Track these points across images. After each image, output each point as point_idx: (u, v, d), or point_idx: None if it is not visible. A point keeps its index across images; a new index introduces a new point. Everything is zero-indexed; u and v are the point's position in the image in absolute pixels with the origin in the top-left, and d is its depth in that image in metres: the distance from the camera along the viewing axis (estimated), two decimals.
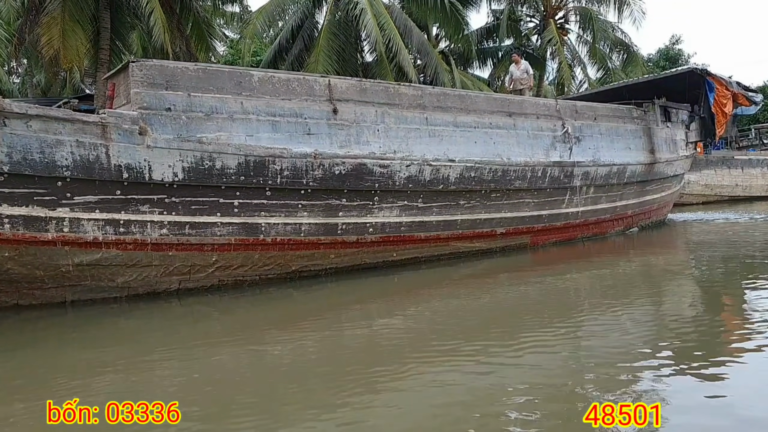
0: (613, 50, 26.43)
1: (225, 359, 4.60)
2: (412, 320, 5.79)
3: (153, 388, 3.93)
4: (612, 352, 4.32)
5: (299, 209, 7.14)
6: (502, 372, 3.96)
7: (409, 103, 7.88)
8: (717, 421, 2.99)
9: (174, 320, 6.21)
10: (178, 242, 6.63)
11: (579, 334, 4.97)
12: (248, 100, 6.68)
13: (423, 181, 7.96)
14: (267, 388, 3.86)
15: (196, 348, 4.96)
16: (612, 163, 10.37)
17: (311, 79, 7.20)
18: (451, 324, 5.52)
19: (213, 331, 5.65)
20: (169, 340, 5.30)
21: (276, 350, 4.83)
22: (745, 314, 5.41)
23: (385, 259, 8.14)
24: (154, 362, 4.62)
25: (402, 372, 4.04)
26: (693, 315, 5.57)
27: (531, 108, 9.37)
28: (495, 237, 9.21)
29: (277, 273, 7.35)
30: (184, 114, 6.35)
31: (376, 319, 5.92)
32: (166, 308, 6.50)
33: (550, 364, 4.09)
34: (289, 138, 6.87)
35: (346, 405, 3.45)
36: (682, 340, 4.62)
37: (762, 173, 22.11)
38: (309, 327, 5.63)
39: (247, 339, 5.24)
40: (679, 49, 46.09)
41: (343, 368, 4.21)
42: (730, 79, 13.20)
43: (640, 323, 5.27)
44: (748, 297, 6.15)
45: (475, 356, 4.32)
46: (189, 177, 6.43)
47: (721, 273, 7.75)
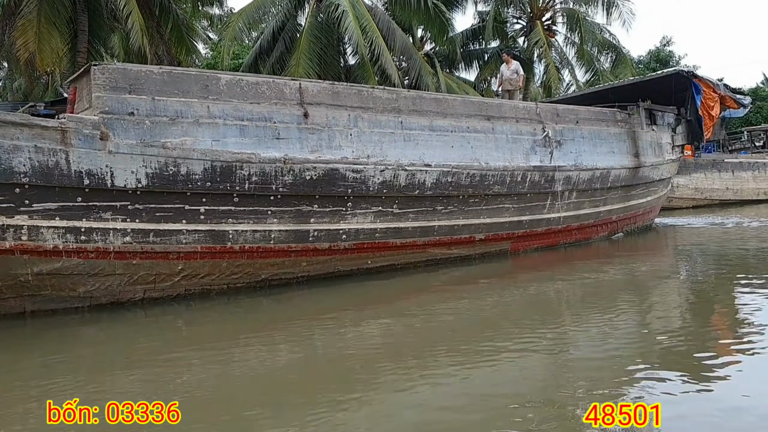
0: (601, 52, 26.42)
1: (190, 371, 4.45)
2: (386, 329, 5.64)
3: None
4: (596, 359, 4.29)
5: (269, 216, 6.95)
6: (481, 381, 3.87)
7: (383, 107, 7.71)
8: (708, 420, 3.05)
9: (138, 331, 6.00)
10: (143, 250, 6.43)
11: (562, 341, 4.88)
12: (215, 104, 6.50)
13: (398, 186, 7.78)
14: (234, 400, 3.71)
15: (160, 359, 4.80)
16: (595, 168, 10.23)
17: (281, 82, 7.03)
18: (427, 332, 5.39)
19: (178, 341, 5.47)
20: (131, 352, 5.12)
21: (244, 361, 4.68)
22: (730, 318, 5.42)
23: (359, 267, 7.96)
24: (115, 375, 4.45)
25: (376, 383, 3.94)
26: (678, 319, 5.54)
27: (510, 111, 9.21)
28: (474, 243, 9.04)
29: (247, 281, 7.16)
30: (147, 118, 6.16)
31: (350, 328, 5.76)
32: (131, 318, 6.30)
33: (531, 373, 4.02)
34: (258, 143, 6.69)
35: (317, 417, 3.34)
36: (667, 345, 4.57)
37: (753, 176, 22.02)
38: (279, 337, 5.46)
39: (213, 349, 5.06)
40: (670, 51, 46.17)
41: (314, 379, 4.10)
42: (717, 81, 13.11)
43: (624, 329, 5.18)
44: (734, 301, 6.12)
45: (453, 365, 4.21)
46: (153, 183, 6.24)
47: (706, 279, 7.67)
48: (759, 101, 41.93)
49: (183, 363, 4.69)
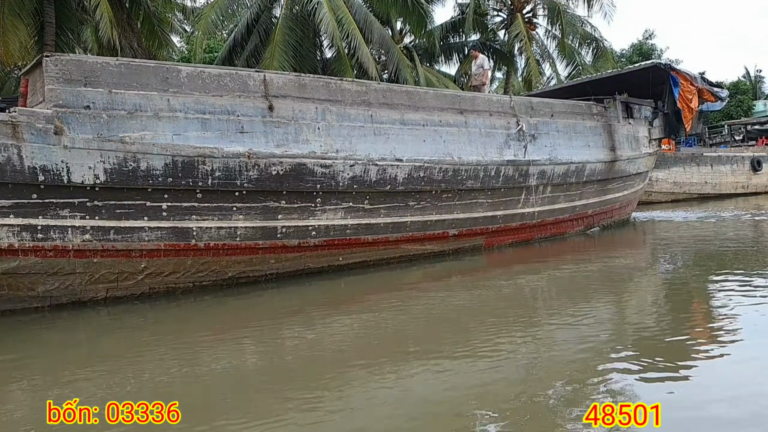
0: (582, 45, 26.39)
1: (154, 371, 4.34)
2: (358, 327, 5.55)
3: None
4: (571, 352, 4.30)
5: (234, 212, 6.78)
6: (456, 379, 3.83)
7: (352, 100, 7.55)
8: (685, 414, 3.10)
9: (100, 331, 5.82)
10: (103, 248, 6.24)
11: (536, 337, 4.86)
12: (175, 97, 6.30)
13: (369, 181, 7.64)
14: (201, 401, 3.63)
15: (123, 360, 4.68)
16: (570, 162, 10.14)
17: (245, 74, 6.84)
18: (400, 330, 5.32)
19: (142, 341, 5.32)
20: (93, 352, 4.99)
21: (211, 360, 4.58)
22: (705, 312, 5.52)
23: (330, 264, 7.81)
24: (78, 378, 4.29)
25: (347, 382, 3.89)
26: (655, 313, 5.57)
27: (483, 105, 9.09)
28: (447, 239, 8.93)
29: (213, 279, 6.99)
30: (104, 112, 5.95)
31: (320, 326, 5.66)
32: (93, 318, 6.12)
33: (506, 369, 4.02)
34: (221, 137, 6.51)
35: (286, 417, 3.29)
36: (645, 338, 4.62)
37: (732, 170, 22.14)
38: (247, 335, 5.36)
39: (179, 349, 4.95)
40: (652, 45, 46.45)
41: (284, 378, 4.03)
42: (695, 74, 13.08)
43: (600, 325, 5.17)
44: (709, 294, 6.20)
45: (426, 363, 4.16)
46: (112, 179, 6.05)
47: (682, 273, 7.69)
48: (740, 95, 42.32)
49: (147, 363, 4.59)
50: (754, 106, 42.70)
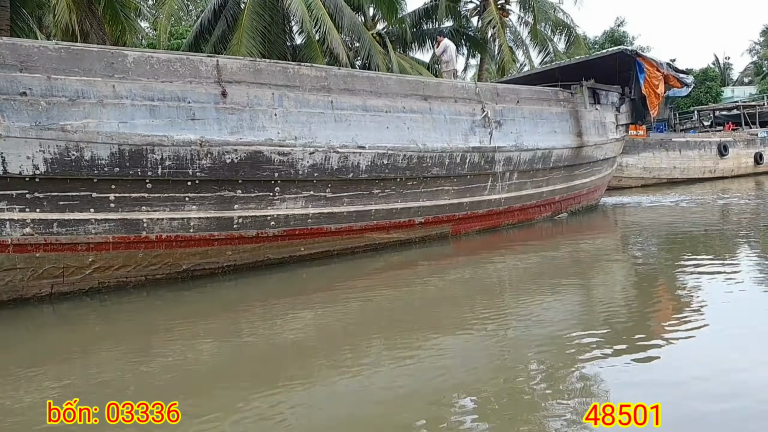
0: (555, 32, 26.33)
1: (103, 370, 4.12)
2: (321, 318, 5.37)
3: (11, 407, 3.46)
4: (540, 338, 4.26)
5: (187, 202, 6.53)
6: (424, 372, 3.70)
7: (311, 86, 7.31)
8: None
9: (44, 328, 5.55)
10: (46, 242, 5.95)
11: (505, 323, 4.78)
12: (121, 83, 6.01)
13: (330, 169, 7.43)
14: (153, 398, 3.39)
15: (69, 359, 4.47)
16: (536, 148, 10.03)
17: (196, 59, 6.56)
18: (365, 320, 5.18)
19: (90, 339, 5.09)
20: (37, 351, 4.72)
21: (164, 356, 4.38)
22: (672, 294, 5.53)
23: (291, 254, 7.60)
24: (19, 379, 4.04)
25: (309, 374, 3.77)
26: (623, 297, 5.55)
27: (448, 91, 8.91)
28: (414, 227, 8.77)
29: (167, 273, 6.74)
30: (43, 99, 5.64)
31: (280, 318, 5.46)
32: (36, 315, 5.84)
33: (475, 359, 3.91)
34: (171, 124, 6.24)
35: (247, 414, 3.15)
36: (611, 322, 4.59)
37: (699, 155, 22.29)
38: (202, 329, 5.15)
39: (129, 346, 4.72)
40: (624, 32, 46.73)
41: (242, 373, 3.87)
42: (660, 60, 13.06)
43: (570, 311, 5.11)
44: (675, 277, 6.20)
45: (393, 355, 4.03)
46: (53, 169, 5.75)
47: (649, 257, 7.66)
48: (709, 81, 42.80)
49: (94, 361, 4.38)
50: (722, 92, 43.20)
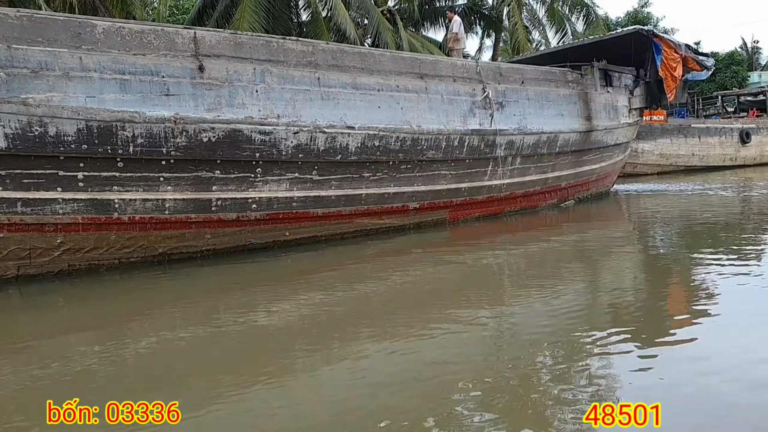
0: (573, 11, 25.56)
1: (72, 357, 3.90)
2: (305, 306, 5.09)
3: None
4: (535, 332, 4.08)
5: (161, 183, 6.20)
6: (413, 363, 3.54)
7: (297, 61, 6.90)
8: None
9: (9, 313, 5.30)
10: (9, 222, 5.66)
11: (501, 315, 4.60)
12: (89, 54, 5.66)
13: (316, 150, 7.05)
14: (124, 395, 3.21)
15: (36, 344, 4.26)
16: (541, 131, 9.56)
17: (172, 31, 6.18)
18: (352, 309, 4.95)
19: (59, 323, 4.85)
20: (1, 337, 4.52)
21: (137, 344, 4.16)
22: (683, 287, 5.34)
23: (275, 239, 7.27)
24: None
25: (291, 364, 3.62)
26: (629, 290, 5.32)
27: (446, 70, 8.45)
28: (408, 213, 8.39)
29: (142, 256, 6.44)
30: (2, 70, 5.31)
31: (262, 305, 5.20)
32: (2, 298, 5.58)
33: (469, 351, 3.77)
34: (143, 100, 5.89)
35: (224, 406, 3.01)
36: (616, 317, 4.40)
37: (720, 142, 21.52)
38: (178, 316, 4.93)
39: (101, 332, 4.49)
40: (648, 12, 45.42)
41: (221, 363, 3.69)
42: (679, 41, 12.45)
43: (570, 304, 4.83)
44: (687, 271, 5.97)
45: (380, 346, 3.85)
46: (15, 146, 5.44)
47: (660, 249, 7.35)
48: (735, 66, 41.53)
49: (60, 348, 4.14)
50: (749, 77, 41.89)
